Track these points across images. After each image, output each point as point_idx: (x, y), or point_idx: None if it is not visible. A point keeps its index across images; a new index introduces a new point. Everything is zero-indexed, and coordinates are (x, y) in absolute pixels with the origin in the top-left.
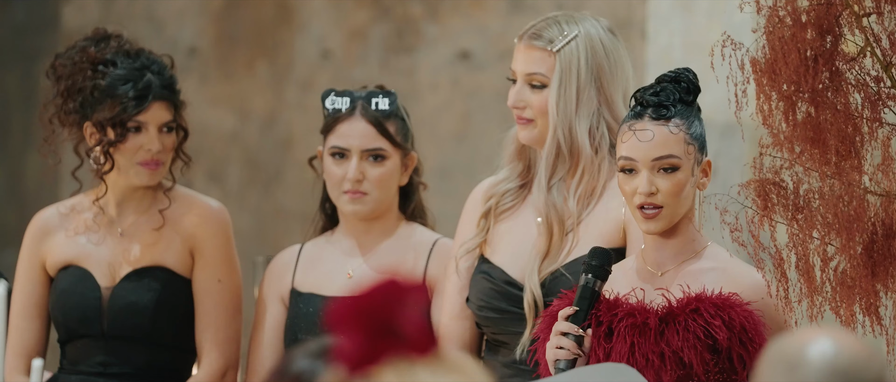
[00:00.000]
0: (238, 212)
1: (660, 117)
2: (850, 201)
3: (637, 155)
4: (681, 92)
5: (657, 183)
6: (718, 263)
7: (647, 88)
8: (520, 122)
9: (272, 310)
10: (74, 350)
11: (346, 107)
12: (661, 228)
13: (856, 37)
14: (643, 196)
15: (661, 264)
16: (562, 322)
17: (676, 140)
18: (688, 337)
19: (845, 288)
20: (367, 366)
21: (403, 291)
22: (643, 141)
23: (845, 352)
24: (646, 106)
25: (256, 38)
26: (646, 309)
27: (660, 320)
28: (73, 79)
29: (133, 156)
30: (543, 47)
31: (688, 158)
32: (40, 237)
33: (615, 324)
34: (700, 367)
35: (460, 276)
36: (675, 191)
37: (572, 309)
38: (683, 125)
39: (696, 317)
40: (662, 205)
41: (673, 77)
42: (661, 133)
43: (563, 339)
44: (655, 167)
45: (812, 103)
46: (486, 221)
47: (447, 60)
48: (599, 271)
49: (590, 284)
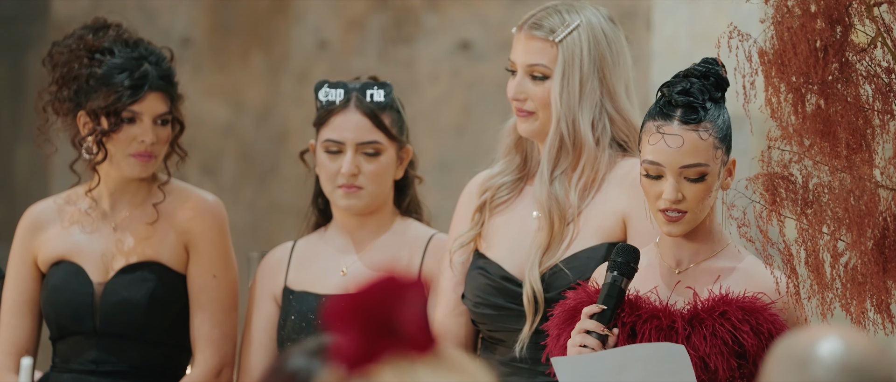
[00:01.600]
0: (232, 207)
1: (689, 121)
2: (861, 195)
3: (665, 161)
4: (710, 89)
5: (684, 189)
6: (738, 263)
7: (675, 84)
8: (520, 115)
9: (264, 309)
10: (66, 347)
11: (339, 99)
12: (683, 232)
13: (866, 27)
14: (668, 202)
15: (679, 260)
16: (586, 319)
17: (706, 146)
18: (715, 343)
19: (856, 284)
20: (365, 365)
21: (402, 288)
22: (672, 147)
23: (856, 350)
24: (675, 105)
25: (251, 27)
26: (671, 311)
27: (686, 323)
28: (69, 67)
29: (126, 147)
30: (545, 37)
31: (715, 163)
32: (33, 231)
33: (639, 326)
34: (726, 373)
35: (455, 271)
36: (702, 198)
37: (598, 307)
38: (713, 129)
39: (724, 322)
40: (687, 210)
41: (702, 72)
42: (691, 140)
43: (587, 338)
44: (683, 174)
45: (822, 95)
46: (480, 215)
47: (447, 51)
48: (626, 268)
49: (617, 282)
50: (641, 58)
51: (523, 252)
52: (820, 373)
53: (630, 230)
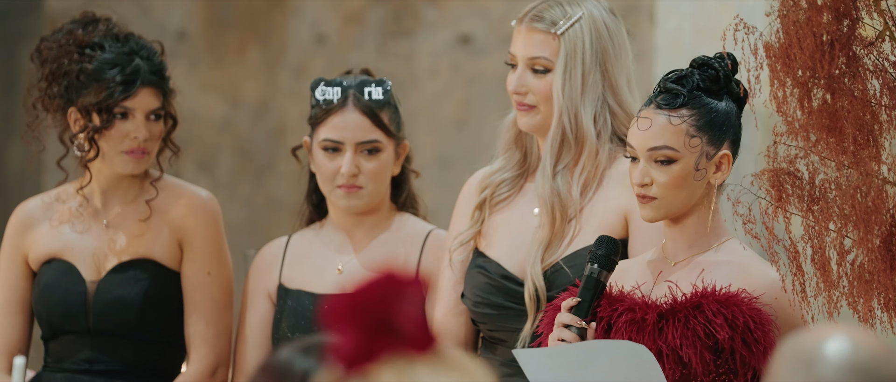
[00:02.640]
0: (228, 203)
1: (664, 105)
2: (868, 192)
3: (636, 143)
4: (705, 80)
5: (653, 173)
6: (733, 258)
7: (672, 72)
8: (521, 109)
9: (259, 307)
10: (59, 346)
11: (337, 98)
12: (656, 217)
13: (874, 20)
14: (636, 187)
15: (674, 254)
16: (564, 313)
17: (675, 132)
18: (687, 335)
19: (863, 282)
20: (363, 364)
21: (400, 286)
22: (641, 129)
23: (864, 349)
24: (658, 91)
25: (248, 21)
26: (647, 304)
27: (659, 316)
28: (59, 63)
29: (118, 144)
30: (546, 30)
31: (689, 151)
32: (23, 229)
33: (614, 319)
34: (700, 366)
35: (454, 270)
36: (670, 184)
37: (575, 300)
38: (691, 116)
39: (698, 314)
40: (656, 197)
41: (702, 62)
42: (660, 123)
43: (565, 332)
44: (651, 157)
45: (828, 90)
46: (480, 213)
47: (447, 45)
48: (605, 260)
49: (594, 274)
50: (645, 52)
51: (523, 250)
52: (827, 373)
53: (631, 227)
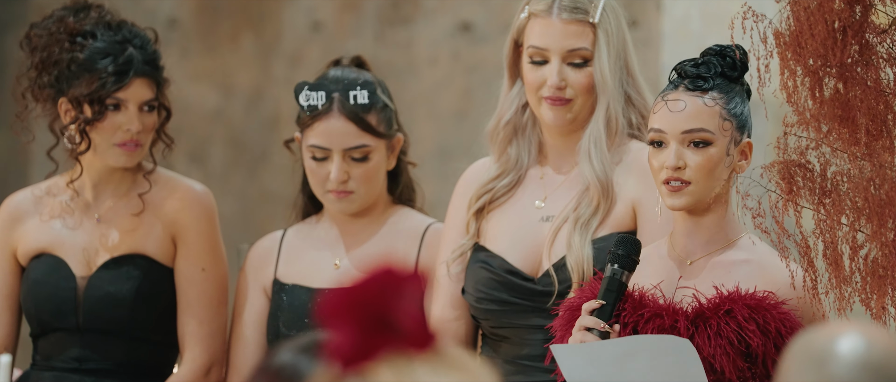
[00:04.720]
0: (221, 196)
1: (696, 88)
2: (882, 184)
3: (667, 126)
4: (724, 66)
5: (686, 157)
6: (752, 255)
7: (689, 60)
8: (556, 104)
9: (253, 303)
10: (48, 344)
11: (321, 104)
12: (686, 205)
13: (888, 7)
14: (669, 170)
15: (690, 251)
16: (586, 316)
17: (711, 113)
18: (720, 343)
19: (876, 278)
20: (361, 362)
21: (399, 282)
22: (674, 111)
23: (877, 347)
24: (683, 76)
25: (241, 8)
26: (675, 309)
27: (689, 323)
28: (49, 51)
29: (111, 136)
30: (583, 20)
31: (723, 135)
32: (11, 223)
33: (642, 326)
34: (733, 374)
35: (452, 280)
36: (706, 168)
37: (598, 302)
38: (721, 99)
39: (729, 321)
40: (690, 182)
41: (718, 51)
42: (695, 104)
43: (587, 335)
44: (685, 140)
45: (840, 79)
46: (476, 222)
47: (447, 32)
48: (626, 261)
49: (617, 275)
50: (652, 39)
51: (527, 244)
52: (839, 371)
53: (640, 218)
